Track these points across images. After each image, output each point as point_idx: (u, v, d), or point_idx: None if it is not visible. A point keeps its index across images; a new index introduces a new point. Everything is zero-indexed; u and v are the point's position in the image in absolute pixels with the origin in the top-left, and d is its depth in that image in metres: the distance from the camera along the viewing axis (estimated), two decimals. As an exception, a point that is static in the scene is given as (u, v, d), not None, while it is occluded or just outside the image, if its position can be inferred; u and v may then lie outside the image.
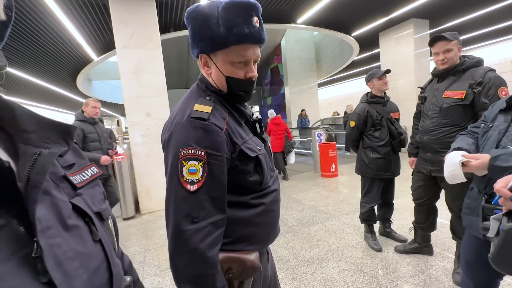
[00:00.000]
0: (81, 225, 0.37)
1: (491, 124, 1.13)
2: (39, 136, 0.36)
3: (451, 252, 2.20)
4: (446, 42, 1.71)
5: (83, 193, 0.41)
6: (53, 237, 0.32)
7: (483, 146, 1.11)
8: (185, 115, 0.70)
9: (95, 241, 0.38)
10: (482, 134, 1.15)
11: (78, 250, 0.34)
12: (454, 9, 5.99)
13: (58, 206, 0.35)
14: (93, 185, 0.45)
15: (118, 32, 3.76)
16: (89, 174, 0.45)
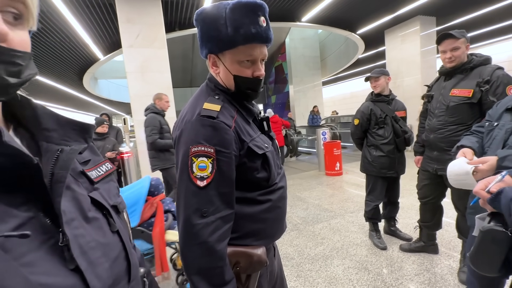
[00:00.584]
0: (100, 217, 0.40)
1: (495, 123, 1.12)
2: (60, 134, 0.39)
3: (456, 251, 2.19)
4: (453, 40, 1.69)
5: (100, 188, 0.44)
6: (77, 228, 0.34)
7: (489, 145, 1.10)
8: (195, 114, 0.72)
9: (113, 232, 0.40)
10: (487, 133, 1.15)
11: (99, 240, 0.37)
12: (461, 6, 5.90)
13: (79, 199, 0.37)
14: (108, 180, 0.48)
15: (124, 32, 3.80)
16: (103, 170, 0.47)
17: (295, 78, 10.12)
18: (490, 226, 0.73)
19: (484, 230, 0.74)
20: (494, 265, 0.74)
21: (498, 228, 0.71)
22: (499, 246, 0.71)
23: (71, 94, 11.77)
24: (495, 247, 0.72)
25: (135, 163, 4.20)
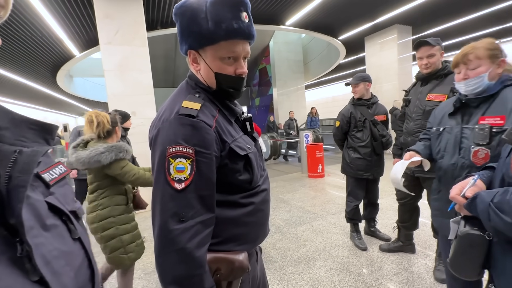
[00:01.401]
0: (59, 224, 0.37)
1: (441, 128, 1.20)
2: (13, 133, 0.35)
3: (432, 250, 2.28)
4: (429, 47, 1.78)
5: (55, 192, 0.40)
6: (36, 236, 0.31)
7: (444, 149, 1.17)
8: (173, 112, 0.68)
9: (74, 240, 0.38)
10: (436, 138, 1.22)
11: (61, 249, 0.34)
12: (435, 16, 6.26)
13: (35, 206, 0.34)
14: (63, 183, 0.43)
15: (102, 28, 3.64)
16: (57, 173, 0.43)
17: (279, 81, 10.22)
18: (468, 230, 0.73)
19: (462, 234, 0.74)
20: (474, 269, 0.74)
21: (475, 232, 0.72)
22: (478, 250, 0.71)
23: (43, 92, 11.08)
24: (474, 251, 0.72)
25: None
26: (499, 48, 1.05)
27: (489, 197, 0.67)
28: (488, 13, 6.19)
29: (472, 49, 1.07)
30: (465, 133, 1.10)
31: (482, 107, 1.08)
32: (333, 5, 5.23)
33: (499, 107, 1.02)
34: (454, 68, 1.16)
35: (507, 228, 0.61)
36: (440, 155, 1.19)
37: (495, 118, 1.01)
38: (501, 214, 0.62)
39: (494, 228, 0.65)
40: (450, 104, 1.22)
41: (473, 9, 5.95)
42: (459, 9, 5.85)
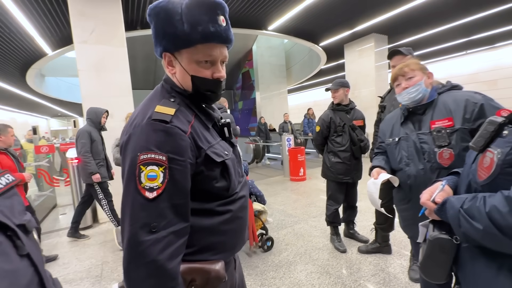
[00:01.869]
0: (2, 240, 0.33)
1: (397, 138, 1.28)
2: None
3: (407, 249, 2.37)
4: (402, 56, 1.87)
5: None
6: None
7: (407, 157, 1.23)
8: (145, 117, 0.65)
9: (22, 256, 0.35)
10: (394, 148, 1.29)
11: (4, 268, 0.31)
12: (410, 27, 6.62)
13: None
14: (10, 195, 0.40)
15: (77, 26, 3.47)
16: (3, 183, 0.39)
17: (262, 85, 10.30)
18: (437, 234, 0.74)
19: (432, 239, 0.75)
20: (443, 272, 0.76)
21: (444, 236, 0.73)
22: (447, 254, 0.73)
23: (11, 91, 10.36)
24: (443, 255, 0.73)
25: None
26: (425, 66, 1.26)
27: (458, 203, 0.67)
28: (456, 26, 6.65)
29: (405, 65, 1.26)
30: (422, 138, 1.19)
31: (428, 113, 1.21)
32: (314, 12, 5.37)
33: (442, 111, 1.16)
34: (394, 83, 1.29)
35: (478, 235, 0.61)
36: (404, 163, 1.24)
37: (444, 121, 1.15)
38: (472, 221, 0.62)
39: (464, 234, 0.65)
40: (397, 116, 1.34)
41: (443, 22, 6.37)
42: (430, 21, 6.23)
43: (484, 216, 0.59)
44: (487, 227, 0.58)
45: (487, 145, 0.66)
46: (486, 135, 0.67)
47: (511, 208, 0.54)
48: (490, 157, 0.64)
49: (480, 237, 0.61)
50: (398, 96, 1.28)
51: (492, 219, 0.57)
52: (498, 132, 0.65)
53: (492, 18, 6.20)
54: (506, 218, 0.54)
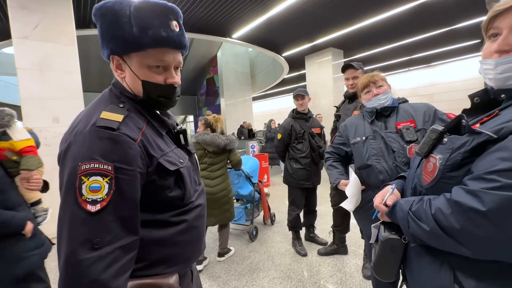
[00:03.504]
0: None
1: (364, 137, 1.39)
2: None
3: (361, 249, 2.54)
4: (354, 70, 2.04)
5: None
6: None
7: (377, 154, 1.33)
8: (89, 124, 0.60)
9: None
10: (362, 147, 1.40)
11: None
12: (363, 44, 7.28)
13: None
14: None
15: (16, 20, 3.10)
16: None
17: (227, 91, 10.28)
18: (388, 235, 0.79)
19: (384, 239, 0.79)
20: (392, 271, 0.80)
21: (394, 236, 0.77)
22: (396, 253, 0.77)
23: None
24: (393, 254, 0.78)
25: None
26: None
27: (407, 205, 0.71)
28: (401, 45, 7.52)
29: (374, 74, 1.41)
30: (389, 136, 1.31)
31: (392, 115, 1.36)
32: (277, 24, 5.59)
33: (404, 115, 1.34)
34: (364, 89, 1.42)
35: (425, 235, 0.64)
36: (374, 159, 1.33)
37: (406, 123, 1.31)
38: (419, 222, 0.65)
39: (412, 235, 0.69)
40: (358, 118, 1.49)
41: (390, 41, 7.14)
42: (380, 39, 6.94)
43: (430, 218, 0.62)
44: (433, 228, 0.61)
45: (430, 151, 0.72)
46: (429, 142, 0.72)
47: (453, 210, 0.57)
48: (433, 162, 0.69)
49: (426, 237, 0.64)
50: (367, 102, 1.40)
51: (437, 220, 0.60)
52: (439, 139, 0.71)
53: (430, 40, 7.15)
54: (449, 219, 0.58)
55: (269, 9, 4.89)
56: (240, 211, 2.96)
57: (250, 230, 2.94)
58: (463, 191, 0.57)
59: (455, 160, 0.62)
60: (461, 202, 0.56)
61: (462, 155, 0.61)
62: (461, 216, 0.56)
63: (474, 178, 0.56)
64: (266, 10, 4.92)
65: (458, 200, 0.57)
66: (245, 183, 2.97)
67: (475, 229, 0.54)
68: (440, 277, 0.64)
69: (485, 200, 0.52)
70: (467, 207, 0.54)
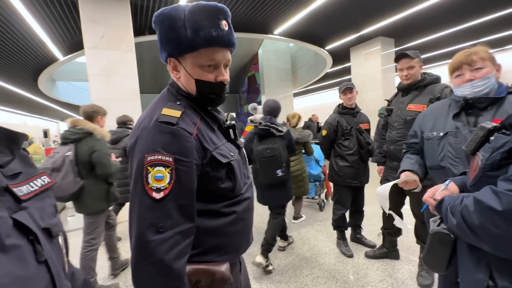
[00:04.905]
0: (23, 244, 0.32)
1: (442, 133, 1.15)
2: None
3: (415, 255, 2.32)
4: (409, 60, 1.85)
5: (29, 206, 0.36)
6: None
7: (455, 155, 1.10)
8: (152, 120, 0.67)
9: (40, 262, 0.33)
10: (437, 144, 1.17)
11: (17, 273, 0.30)
12: (416, 30, 6.57)
13: None
14: (43, 196, 0.40)
15: (87, 32, 3.57)
16: (38, 185, 0.40)
17: (267, 88, 10.31)
18: (437, 229, 0.80)
19: (433, 232, 0.81)
20: (441, 263, 0.81)
21: (443, 230, 0.79)
22: (445, 247, 0.79)
23: (23, 95, 10.65)
24: (441, 247, 0.80)
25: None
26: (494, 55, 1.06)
27: (449, 201, 0.75)
28: (463, 29, 6.57)
29: (472, 52, 1.04)
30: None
31: (490, 109, 1.03)
32: (320, 16, 5.39)
33: (509, 112, 0.97)
34: (455, 71, 1.09)
35: (455, 229, 0.70)
36: (450, 162, 1.10)
37: None
38: (452, 217, 0.70)
39: (449, 228, 0.75)
40: (442, 108, 1.19)
41: (450, 25, 6.30)
42: (437, 24, 6.17)
43: (458, 214, 0.67)
44: (459, 223, 0.66)
45: (477, 149, 0.73)
46: (476, 140, 0.74)
47: (476, 208, 0.61)
48: (477, 161, 0.71)
49: (457, 231, 0.69)
50: (456, 88, 1.09)
51: (463, 216, 0.65)
52: (487, 138, 0.71)
53: (500, 21, 6.10)
54: (472, 216, 0.62)
55: (311, 2, 4.74)
56: (311, 187, 3.68)
57: (319, 201, 3.73)
58: (490, 191, 0.59)
59: (494, 160, 0.63)
60: (482, 201, 0.59)
61: (501, 155, 0.62)
62: (480, 214, 0.60)
63: (504, 179, 0.58)
64: (308, 3, 4.77)
65: (479, 199, 0.60)
66: (315, 165, 3.66)
67: (492, 227, 0.57)
68: (478, 272, 0.68)
69: (503, 201, 0.54)
70: (485, 206, 0.58)
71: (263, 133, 2.20)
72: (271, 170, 2.10)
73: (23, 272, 0.30)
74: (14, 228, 0.32)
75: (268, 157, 2.09)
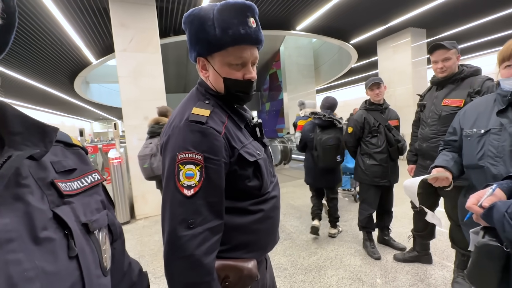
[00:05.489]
0: (58, 238, 0.33)
1: (484, 130, 1.07)
2: (23, 138, 0.34)
3: (450, 261, 2.18)
4: (445, 51, 1.72)
5: (75, 202, 0.38)
6: (13, 251, 0.28)
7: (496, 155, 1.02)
8: (183, 119, 0.69)
9: (71, 258, 0.33)
10: (477, 142, 1.09)
11: (45, 268, 0.30)
12: (450, 19, 6.10)
13: (32, 215, 0.31)
14: (92, 193, 0.42)
15: (118, 36, 3.76)
16: (88, 181, 0.42)
17: (289, 85, 10.20)
18: (485, 241, 0.71)
19: (480, 245, 0.72)
20: (490, 282, 0.71)
21: (493, 243, 0.69)
22: (495, 262, 0.69)
23: (61, 97, 11.55)
24: (490, 262, 0.69)
25: (125, 169, 4.09)
26: None
27: (504, 207, 0.65)
28: (502, 17, 5.98)
29: None
30: None
31: None
32: (344, 9, 5.20)
33: None
34: (505, 61, 1.02)
35: None
36: (490, 161, 1.04)
37: None
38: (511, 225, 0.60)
39: (507, 238, 0.64)
40: (486, 103, 1.11)
41: (490, 11, 5.76)
42: (475, 11, 5.68)
43: None
44: None
45: None
46: None
47: None
48: None
49: None
50: (504, 81, 1.03)
51: None
52: None
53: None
54: None
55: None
56: (346, 180, 3.98)
57: (354, 193, 3.92)
58: None
59: None
60: None
61: None
62: None
63: None
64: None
65: None
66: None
67: None
68: None
69: None
70: None
71: (325, 124, 2.58)
72: (332, 156, 2.53)
73: (51, 267, 0.30)
74: (53, 222, 0.33)
75: (331, 145, 2.51)
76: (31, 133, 0.35)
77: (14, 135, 0.34)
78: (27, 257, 0.29)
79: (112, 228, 0.46)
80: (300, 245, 2.67)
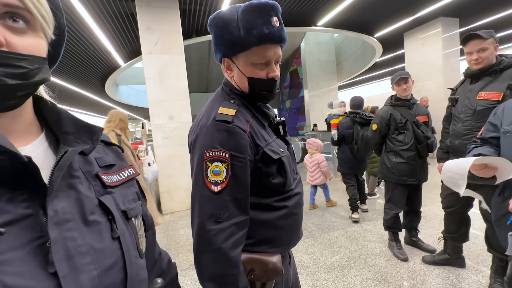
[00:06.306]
0: (103, 221, 0.38)
1: None
2: (75, 137, 0.40)
3: (485, 265, 2.04)
4: (480, 41, 1.61)
5: (115, 192, 0.43)
6: (70, 230, 0.33)
7: None
8: (210, 118, 0.72)
9: (114, 239, 0.38)
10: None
11: (93, 245, 0.35)
12: (486, 6, 5.64)
13: (82, 201, 0.37)
14: (128, 185, 0.48)
15: (144, 39, 3.94)
16: (125, 175, 0.48)
17: (310, 82, 10.03)
18: None
19: None
20: None
21: None
22: None
23: (94, 99, 12.33)
24: None
25: (152, 166, 4.29)
26: None
27: None
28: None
29: None
30: None
31: None
32: (367, 2, 5.00)
33: None
34: None
35: None
36: None
37: None
38: None
39: None
40: None
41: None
42: (517, -5, 5.20)
43: None
44: None
45: None
46: None
47: None
48: None
49: None
50: None
51: None
52: None
53: None
54: None
55: (359, -13, 4.43)
56: None
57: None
58: None
59: None
60: None
61: None
62: None
63: None
64: (356, -12, 4.47)
65: None
66: None
67: None
68: None
69: None
70: None
71: (364, 122, 3.07)
72: (369, 149, 2.98)
73: (99, 245, 0.36)
74: (98, 208, 0.39)
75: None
76: (81, 133, 0.41)
77: (68, 135, 0.40)
78: (80, 235, 0.34)
79: (145, 219, 0.51)
80: (322, 244, 2.65)
